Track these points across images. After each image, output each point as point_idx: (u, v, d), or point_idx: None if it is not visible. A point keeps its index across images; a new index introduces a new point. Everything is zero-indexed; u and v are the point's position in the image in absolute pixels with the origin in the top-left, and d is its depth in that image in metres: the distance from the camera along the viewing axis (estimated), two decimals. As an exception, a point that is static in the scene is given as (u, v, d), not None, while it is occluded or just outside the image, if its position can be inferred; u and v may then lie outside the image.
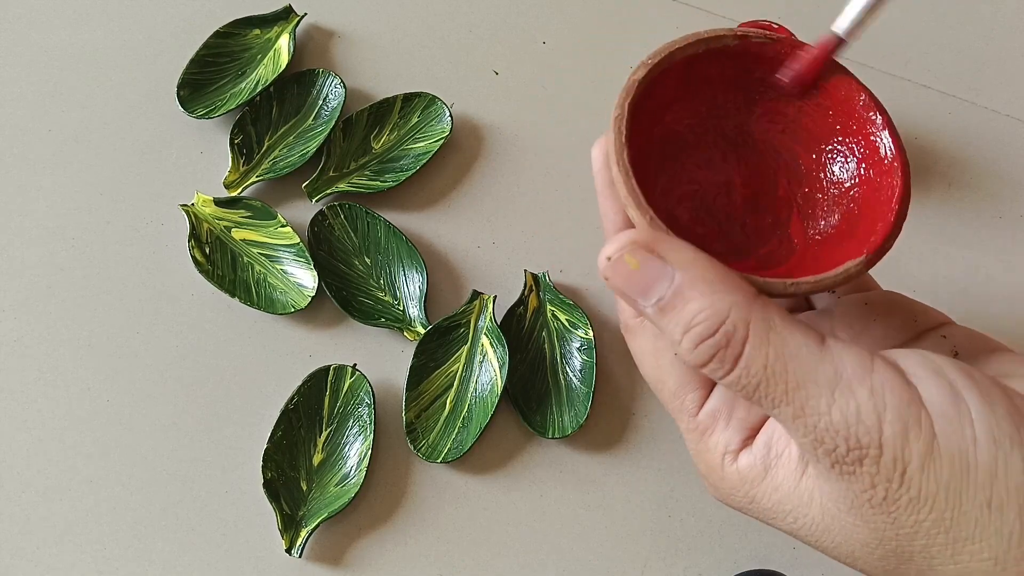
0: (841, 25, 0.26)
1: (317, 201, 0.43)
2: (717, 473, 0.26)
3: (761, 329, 0.21)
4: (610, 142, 0.26)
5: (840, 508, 0.22)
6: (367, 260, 0.43)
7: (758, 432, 0.25)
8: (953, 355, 0.25)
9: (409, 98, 0.45)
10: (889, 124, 0.26)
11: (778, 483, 0.24)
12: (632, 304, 0.23)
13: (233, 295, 0.41)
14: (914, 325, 0.27)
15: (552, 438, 0.39)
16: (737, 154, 0.28)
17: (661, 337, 0.26)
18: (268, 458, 0.38)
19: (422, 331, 0.41)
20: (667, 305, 0.22)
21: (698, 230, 0.27)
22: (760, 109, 0.28)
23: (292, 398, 0.39)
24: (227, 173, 0.43)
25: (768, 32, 0.26)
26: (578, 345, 0.41)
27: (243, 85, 0.45)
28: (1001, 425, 0.20)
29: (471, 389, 0.40)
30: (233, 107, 0.44)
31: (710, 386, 0.27)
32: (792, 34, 0.38)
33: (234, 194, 0.43)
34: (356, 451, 0.39)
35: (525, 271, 0.42)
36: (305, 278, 0.42)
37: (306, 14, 0.47)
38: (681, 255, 0.22)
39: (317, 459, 0.39)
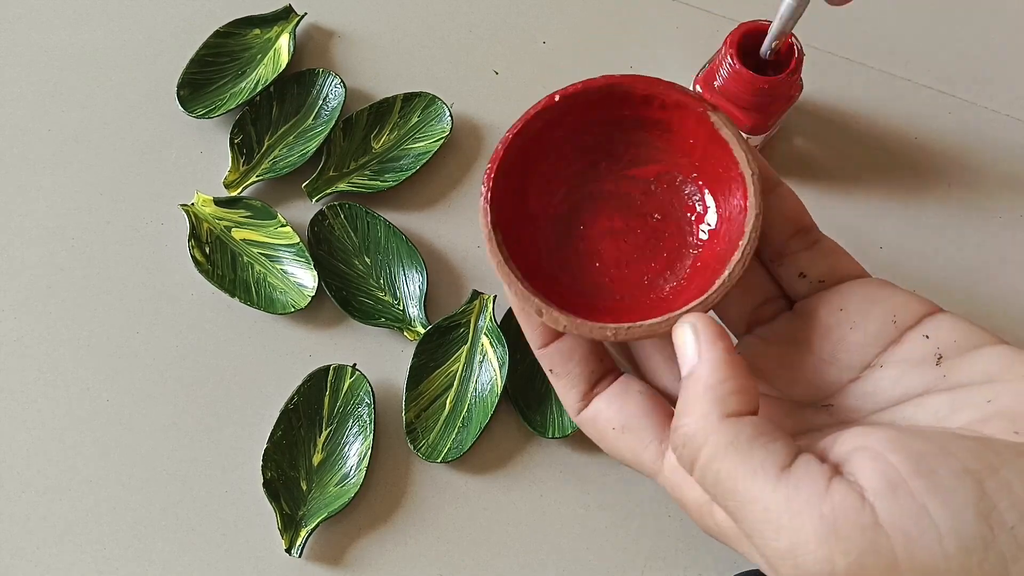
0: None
1: (317, 201, 0.43)
2: (698, 522, 0.26)
3: (720, 446, 0.22)
4: (483, 223, 0.28)
5: None
6: (367, 260, 0.43)
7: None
8: (936, 359, 0.25)
9: (409, 98, 0.45)
10: (742, 177, 0.27)
11: (756, 553, 0.24)
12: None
13: (233, 295, 0.41)
14: (893, 327, 0.26)
15: (552, 438, 0.39)
16: (615, 202, 0.31)
17: (597, 420, 0.29)
18: (268, 458, 0.38)
19: (422, 331, 0.41)
20: (682, 384, 0.25)
21: (578, 286, 0.30)
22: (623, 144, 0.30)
23: (292, 398, 0.39)
24: (227, 173, 0.43)
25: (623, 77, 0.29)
26: (578, 345, 0.41)
27: (243, 85, 0.45)
28: (971, 529, 0.19)
29: (471, 389, 0.40)
30: (233, 107, 0.44)
31: (662, 439, 0.27)
32: (794, 35, 0.38)
33: (234, 194, 0.43)
34: (356, 451, 0.39)
35: (525, 271, 0.42)
36: (305, 278, 0.42)
37: (306, 14, 0.47)
38: (710, 349, 0.24)
39: (317, 459, 0.39)
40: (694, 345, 0.24)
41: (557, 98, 0.28)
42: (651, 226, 0.30)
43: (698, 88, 0.40)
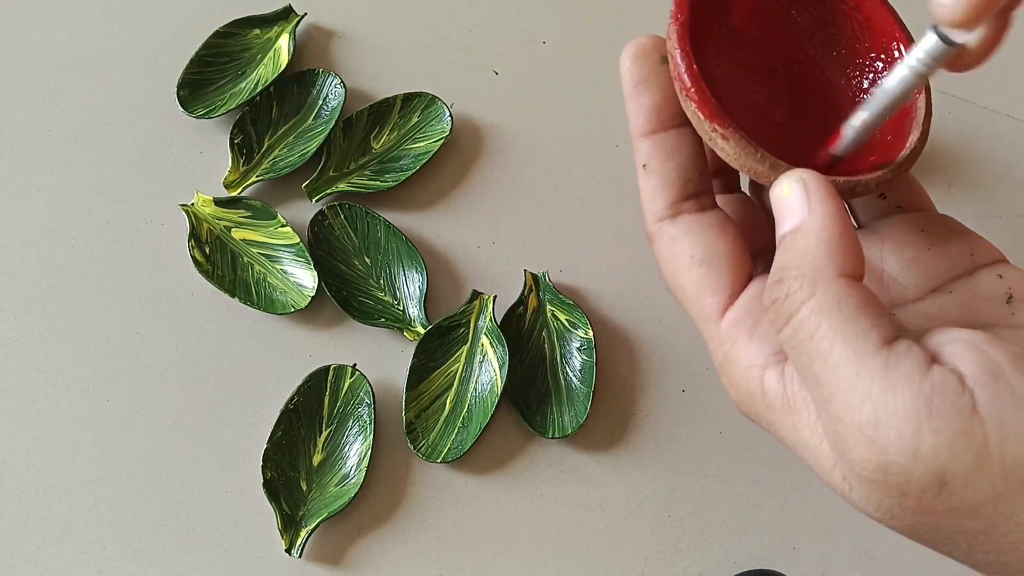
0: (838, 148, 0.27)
1: (317, 201, 0.43)
2: (739, 388, 0.24)
3: (830, 305, 0.21)
4: (672, 31, 0.25)
5: (864, 496, 0.21)
6: (367, 260, 0.43)
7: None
8: (1007, 298, 0.24)
9: (409, 98, 0.45)
10: (907, 40, 0.26)
11: (798, 428, 0.22)
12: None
13: (233, 295, 0.41)
14: (970, 259, 0.26)
15: (552, 438, 0.39)
16: (789, 67, 0.29)
17: (678, 241, 0.25)
18: (268, 458, 0.38)
19: (422, 331, 0.41)
20: (783, 241, 0.23)
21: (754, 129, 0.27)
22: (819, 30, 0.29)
23: (292, 398, 0.39)
24: (227, 173, 0.43)
25: None
26: (578, 345, 0.41)
27: (243, 85, 0.45)
28: None
29: (471, 389, 0.40)
30: (233, 107, 0.44)
31: (732, 292, 0.25)
32: None
33: (234, 194, 0.43)
34: (356, 451, 0.39)
35: (525, 271, 0.42)
36: (305, 278, 0.42)
37: (306, 14, 0.47)
38: (822, 205, 0.22)
39: (317, 459, 0.39)
40: (803, 199, 0.22)
41: None
42: (813, 86, 0.28)
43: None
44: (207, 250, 0.42)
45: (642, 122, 0.26)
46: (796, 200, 0.22)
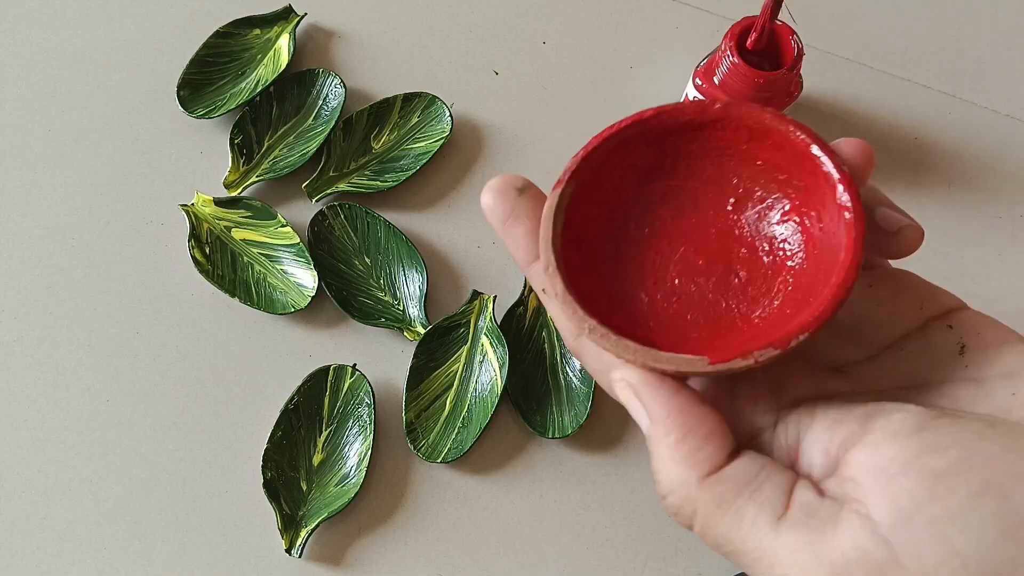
0: None
1: (317, 201, 0.43)
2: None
3: (709, 512, 0.21)
4: (544, 246, 0.25)
5: None
6: (367, 260, 0.43)
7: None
8: (960, 348, 0.24)
9: (409, 98, 0.45)
10: (846, 179, 0.23)
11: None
12: None
13: (233, 295, 0.41)
14: (919, 313, 0.25)
15: (552, 438, 0.39)
16: (685, 222, 0.27)
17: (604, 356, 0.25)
18: (268, 458, 0.38)
19: (422, 331, 0.41)
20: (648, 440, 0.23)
21: (657, 307, 0.26)
22: (710, 172, 0.27)
23: (292, 398, 0.39)
24: (227, 173, 0.43)
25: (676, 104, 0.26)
26: (578, 345, 0.41)
27: (243, 85, 0.45)
28: (997, 553, 0.18)
29: (471, 389, 0.40)
30: (233, 107, 0.44)
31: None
32: (795, 33, 0.38)
33: (234, 194, 0.43)
34: (356, 451, 0.39)
35: (525, 271, 0.42)
36: (305, 278, 0.42)
37: (306, 14, 0.47)
38: (657, 409, 0.22)
39: (317, 459, 0.39)
40: (637, 403, 0.23)
41: (625, 124, 0.26)
42: (723, 244, 0.27)
43: (698, 81, 0.40)
44: (207, 250, 0.42)
45: (523, 254, 0.26)
46: (631, 405, 0.23)
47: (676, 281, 0.27)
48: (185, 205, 0.42)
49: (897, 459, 0.20)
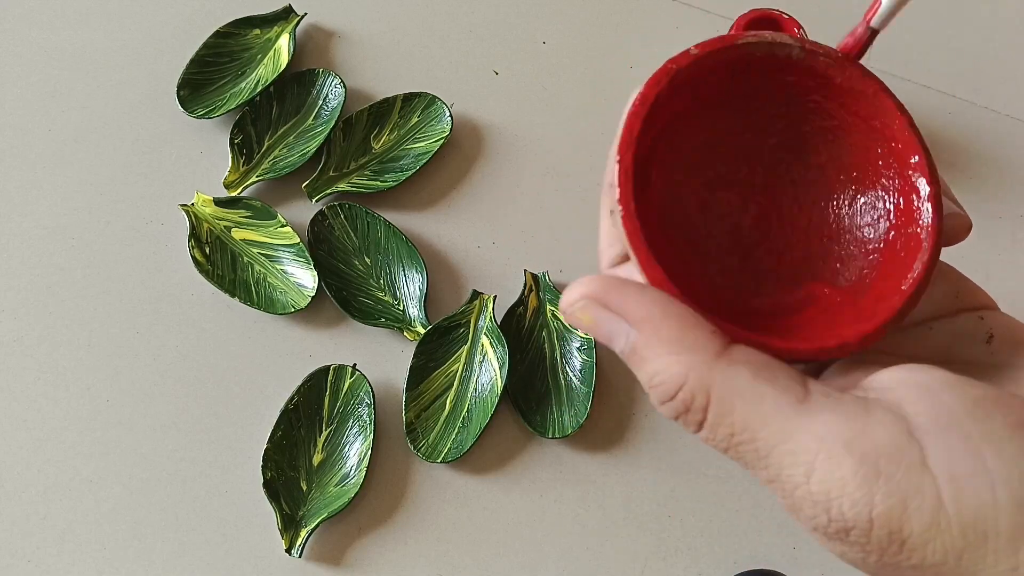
0: (874, 19, 0.23)
1: (317, 201, 0.43)
2: None
3: (725, 394, 0.19)
4: (614, 154, 0.23)
5: (829, 546, 0.20)
6: (367, 260, 0.43)
7: None
8: (988, 338, 0.24)
9: (409, 98, 0.45)
10: (927, 165, 0.23)
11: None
12: None
13: (233, 295, 0.41)
14: (954, 301, 0.25)
15: (552, 438, 0.39)
16: (766, 181, 0.26)
17: None
18: (268, 458, 0.38)
19: (422, 331, 0.41)
20: (628, 359, 0.21)
21: (708, 267, 0.25)
22: (802, 131, 0.25)
23: (292, 398, 0.39)
24: (227, 173, 0.43)
25: (826, 49, 0.24)
26: (578, 345, 0.41)
27: (243, 85, 0.45)
28: None
29: (471, 389, 0.40)
30: (233, 107, 0.44)
31: None
32: (801, 27, 0.38)
33: (234, 194, 0.43)
34: (356, 451, 0.39)
35: (525, 271, 0.42)
36: (305, 278, 0.42)
37: (306, 14, 0.47)
38: (637, 310, 0.20)
39: (317, 459, 0.39)
40: (607, 315, 0.21)
41: (694, 51, 0.23)
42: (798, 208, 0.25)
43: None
44: (207, 250, 0.42)
45: (614, 255, 0.24)
46: (601, 322, 0.21)
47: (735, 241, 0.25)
48: (185, 205, 0.42)
49: (936, 378, 0.20)
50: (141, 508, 0.39)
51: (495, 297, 0.41)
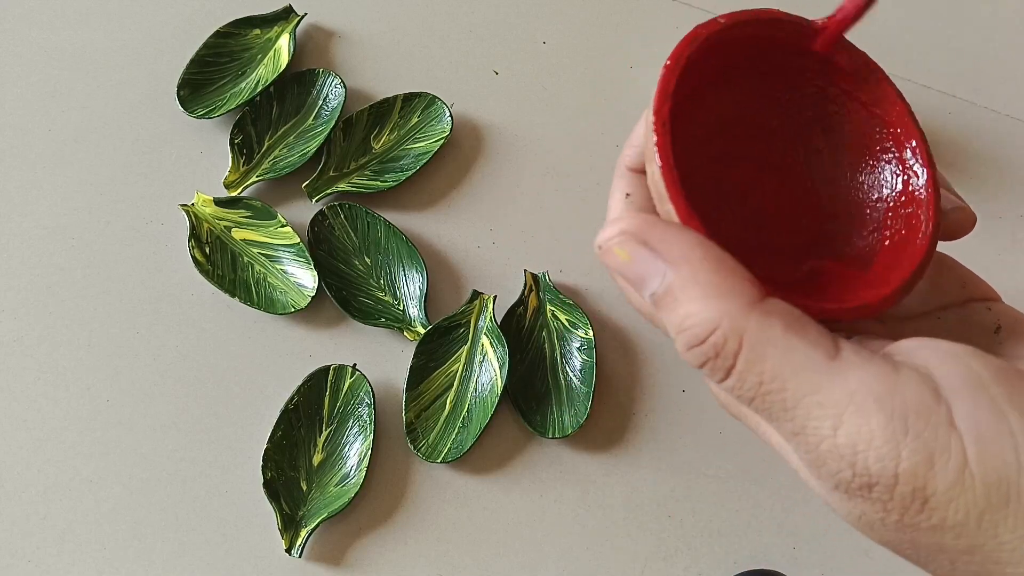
0: None
1: (317, 201, 0.43)
2: None
3: (758, 342, 0.19)
4: (651, 110, 0.23)
5: (846, 508, 0.20)
6: (367, 260, 0.43)
7: None
8: (996, 328, 0.24)
9: (409, 98, 0.45)
10: (924, 150, 0.24)
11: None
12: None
13: (233, 295, 0.41)
14: (962, 291, 0.25)
15: (552, 438, 0.39)
16: (776, 160, 0.26)
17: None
18: (268, 458, 0.38)
19: (422, 331, 0.41)
20: (659, 301, 0.20)
21: (721, 240, 0.25)
22: (807, 115, 0.26)
23: (292, 398, 0.39)
24: (227, 173, 0.43)
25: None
26: (578, 345, 0.41)
27: (243, 85, 0.45)
28: None
29: (471, 389, 0.40)
30: (233, 107, 0.44)
31: None
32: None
33: (234, 194, 0.43)
34: (356, 451, 0.39)
35: (525, 271, 0.42)
36: (305, 278, 0.42)
37: (306, 14, 0.47)
38: (676, 249, 0.20)
39: (317, 459, 0.39)
40: (646, 252, 0.20)
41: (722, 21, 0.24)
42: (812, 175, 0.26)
43: None
44: (207, 250, 0.42)
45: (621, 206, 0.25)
46: (638, 260, 0.21)
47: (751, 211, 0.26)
48: (185, 205, 0.42)
49: (964, 348, 0.20)
50: (141, 508, 0.39)
51: (495, 297, 0.41)
